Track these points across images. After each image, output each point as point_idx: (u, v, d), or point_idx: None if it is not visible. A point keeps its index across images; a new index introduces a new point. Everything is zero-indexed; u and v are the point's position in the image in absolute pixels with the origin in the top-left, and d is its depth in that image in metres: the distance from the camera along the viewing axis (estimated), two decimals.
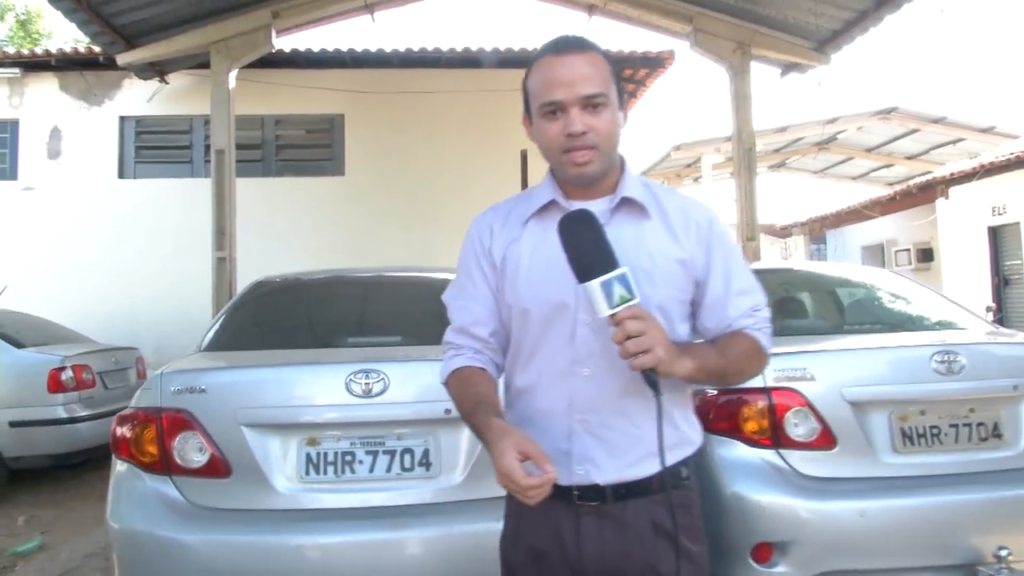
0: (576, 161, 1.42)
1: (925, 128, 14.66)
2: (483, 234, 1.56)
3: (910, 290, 3.84)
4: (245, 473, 2.52)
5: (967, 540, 2.56)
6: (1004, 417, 2.78)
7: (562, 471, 1.42)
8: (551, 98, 1.41)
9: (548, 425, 1.46)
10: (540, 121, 1.45)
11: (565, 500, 1.44)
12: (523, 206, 1.55)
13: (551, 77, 1.42)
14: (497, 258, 1.52)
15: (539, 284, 1.47)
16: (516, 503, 1.47)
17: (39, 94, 9.58)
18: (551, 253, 1.43)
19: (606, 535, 1.44)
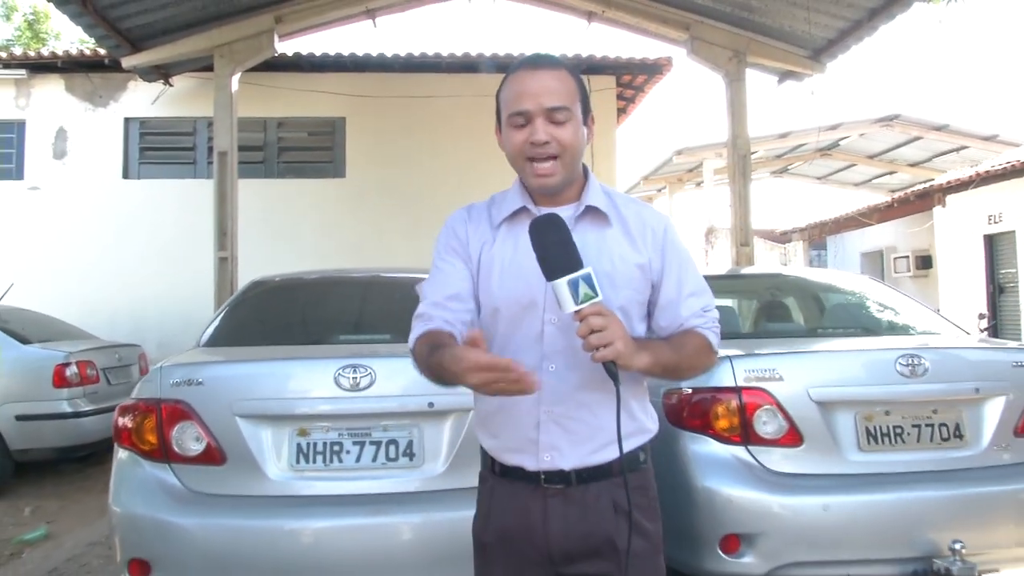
0: (538, 172, 1.53)
1: (927, 136, 14.67)
2: (459, 229, 1.64)
3: (887, 297, 3.97)
4: (239, 461, 2.66)
5: (925, 534, 2.69)
6: (965, 418, 2.90)
7: (530, 458, 1.55)
8: (518, 108, 1.52)
9: (517, 416, 1.55)
10: (508, 130, 1.55)
11: (533, 484, 1.55)
12: (494, 210, 1.64)
13: (520, 89, 1.53)
14: (473, 255, 1.61)
15: (510, 285, 1.56)
16: (488, 487, 1.63)
17: (45, 95, 9.73)
18: (521, 256, 1.53)
19: (571, 515, 1.54)
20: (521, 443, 1.55)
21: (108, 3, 7.15)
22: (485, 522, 1.62)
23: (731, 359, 2.85)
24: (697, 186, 17.69)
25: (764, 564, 2.70)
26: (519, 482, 1.56)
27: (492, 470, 1.63)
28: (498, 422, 1.59)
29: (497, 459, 1.61)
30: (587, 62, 9.64)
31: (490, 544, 1.61)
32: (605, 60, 9.64)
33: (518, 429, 1.55)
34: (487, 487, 1.64)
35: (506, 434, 1.59)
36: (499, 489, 1.60)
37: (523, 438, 1.55)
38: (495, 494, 1.61)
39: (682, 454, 2.88)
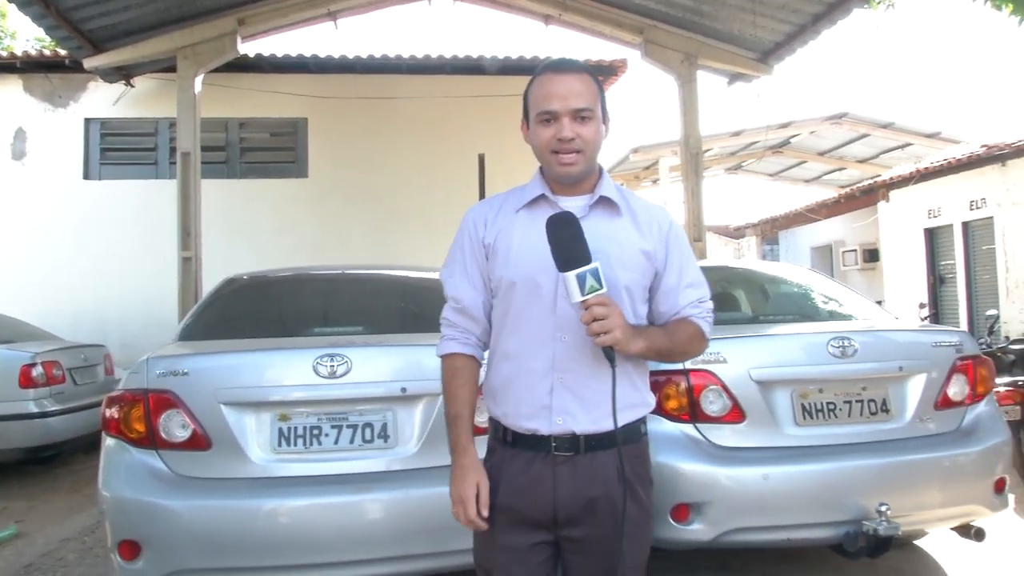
0: (563, 162, 1.70)
1: (874, 133, 15.13)
2: (478, 224, 1.81)
3: (825, 287, 4.28)
4: (224, 446, 2.83)
5: (855, 499, 2.97)
6: (891, 394, 3.20)
7: (543, 423, 1.69)
8: (547, 108, 1.69)
9: (532, 382, 1.70)
10: (536, 126, 1.72)
11: (544, 452, 1.69)
12: (515, 198, 1.81)
13: (549, 91, 1.70)
14: (489, 244, 1.78)
15: (527, 263, 1.71)
16: (498, 458, 1.77)
17: (3, 96, 9.62)
18: (538, 239, 1.67)
19: (579, 481, 1.68)
20: (535, 409, 1.69)
21: (71, 4, 7.17)
22: (495, 489, 1.72)
23: None
24: (653, 183, 18.04)
25: (711, 530, 2.96)
26: (529, 451, 1.70)
27: (503, 440, 1.75)
28: (512, 391, 1.73)
29: (510, 427, 1.73)
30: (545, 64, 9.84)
31: (497, 509, 1.71)
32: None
33: (532, 396, 1.70)
34: (496, 458, 1.77)
35: (522, 400, 1.71)
36: (509, 459, 1.73)
37: (537, 404, 1.69)
38: (505, 464, 1.74)
39: None
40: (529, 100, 1.77)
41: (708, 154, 17.46)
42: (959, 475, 3.14)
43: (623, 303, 1.71)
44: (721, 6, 8.24)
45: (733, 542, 2.99)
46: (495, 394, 1.78)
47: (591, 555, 1.71)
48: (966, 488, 3.15)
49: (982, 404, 3.32)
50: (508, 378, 1.74)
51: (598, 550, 1.71)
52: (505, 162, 9.46)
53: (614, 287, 1.67)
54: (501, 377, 1.76)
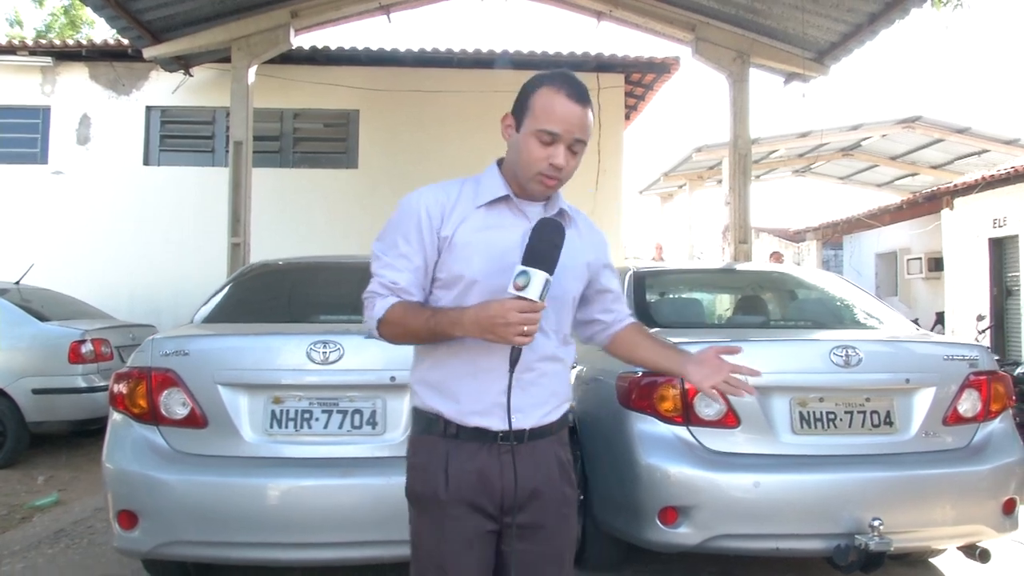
0: (545, 184, 1.71)
1: (949, 138, 14.55)
2: (433, 214, 1.73)
3: (849, 293, 4.15)
4: (219, 425, 2.94)
5: (849, 512, 2.88)
6: (896, 407, 3.09)
7: (496, 420, 1.69)
8: (552, 129, 1.66)
9: (486, 380, 1.69)
10: (531, 139, 1.68)
11: (488, 443, 1.70)
12: (470, 191, 1.77)
13: (558, 113, 1.66)
14: (446, 235, 1.71)
15: (490, 262, 1.69)
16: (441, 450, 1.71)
17: (70, 82, 10.08)
18: (501, 239, 1.71)
19: (523, 469, 1.70)
20: (488, 406, 1.68)
21: None
22: (442, 482, 1.69)
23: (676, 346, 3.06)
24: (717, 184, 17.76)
25: (698, 535, 2.92)
26: (474, 443, 1.70)
27: (445, 433, 1.72)
28: (462, 387, 1.71)
29: (455, 421, 1.71)
30: (597, 60, 9.82)
31: (446, 502, 1.69)
32: (614, 59, 9.82)
33: (486, 394, 1.68)
34: (439, 450, 1.71)
35: (471, 399, 1.70)
36: (455, 451, 1.70)
37: (490, 402, 1.68)
38: (452, 456, 1.70)
39: (629, 432, 3.10)
40: (532, 106, 1.70)
41: (774, 155, 17.16)
42: (965, 493, 3.02)
43: (569, 310, 1.82)
44: (774, 3, 8.04)
45: (720, 548, 2.95)
46: (438, 388, 1.75)
47: (537, 540, 1.74)
48: (972, 507, 3.03)
49: (996, 421, 3.18)
50: (457, 374, 1.72)
51: (543, 535, 1.74)
52: None
53: (565, 295, 1.76)
54: (447, 372, 1.74)
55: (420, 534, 1.77)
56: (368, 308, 1.75)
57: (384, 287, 1.72)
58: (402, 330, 1.70)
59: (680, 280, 4.62)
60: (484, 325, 1.57)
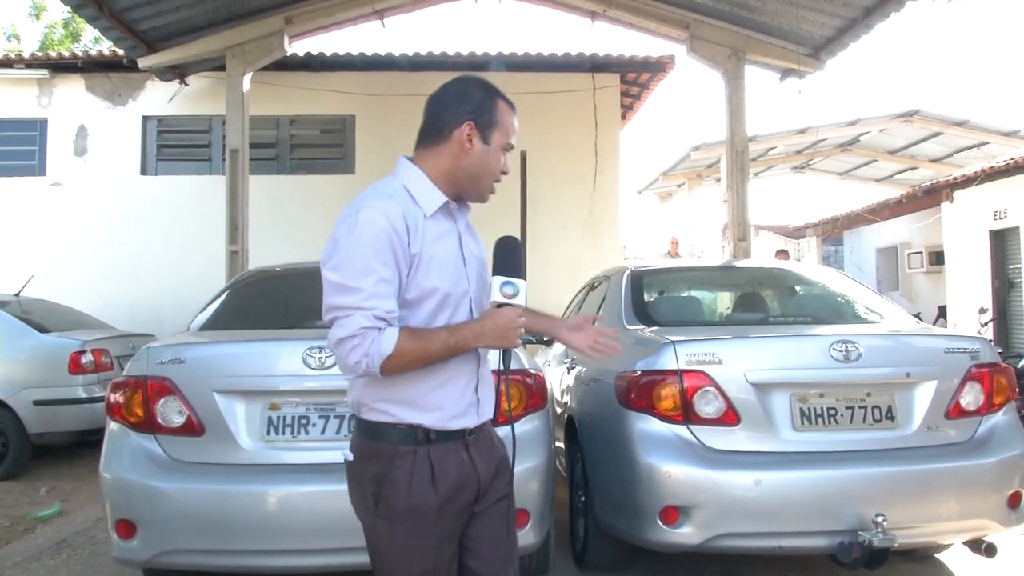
0: (493, 191, 1.86)
1: (948, 131, 14.47)
2: (399, 227, 1.68)
3: (848, 288, 4.12)
4: (216, 432, 2.92)
5: (852, 508, 2.86)
6: (898, 401, 3.07)
7: (472, 418, 1.79)
8: (512, 142, 1.84)
9: (462, 383, 1.78)
10: (497, 151, 1.81)
11: (456, 440, 1.76)
12: (407, 199, 1.75)
13: (515, 125, 1.84)
14: (415, 251, 1.70)
15: (452, 272, 1.76)
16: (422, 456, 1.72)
17: (66, 94, 10.08)
18: (451, 247, 1.78)
19: (484, 453, 1.82)
20: (465, 407, 1.77)
21: (123, 6, 7.47)
22: (431, 487, 1.71)
23: (674, 344, 3.04)
24: (716, 182, 17.71)
25: (700, 534, 2.89)
26: (447, 443, 1.74)
27: (422, 439, 1.72)
28: (442, 395, 1.74)
29: (437, 428, 1.72)
30: (592, 60, 9.81)
31: (437, 507, 1.71)
32: (609, 58, 9.80)
33: (463, 396, 1.78)
34: (420, 455, 1.71)
35: (451, 403, 1.75)
36: (436, 454, 1.72)
37: (466, 402, 1.78)
38: (436, 463, 1.72)
39: (628, 432, 3.08)
40: (498, 121, 1.80)
41: (773, 152, 17.14)
42: (969, 487, 2.99)
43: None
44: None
45: (722, 547, 2.92)
46: (414, 401, 1.73)
47: (498, 515, 1.84)
48: (977, 501, 3.00)
49: (999, 414, 3.16)
50: (434, 385, 1.74)
51: (502, 507, 1.85)
52: (547, 160, 9.46)
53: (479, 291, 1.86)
54: (422, 385, 1.74)
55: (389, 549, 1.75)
56: (359, 347, 1.63)
57: (378, 319, 1.64)
58: (418, 357, 1.67)
59: (677, 278, 4.60)
60: (501, 333, 1.70)
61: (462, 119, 1.78)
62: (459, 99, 1.81)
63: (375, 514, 1.73)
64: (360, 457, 1.77)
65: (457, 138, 1.78)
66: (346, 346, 1.64)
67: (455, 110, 1.79)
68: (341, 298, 1.65)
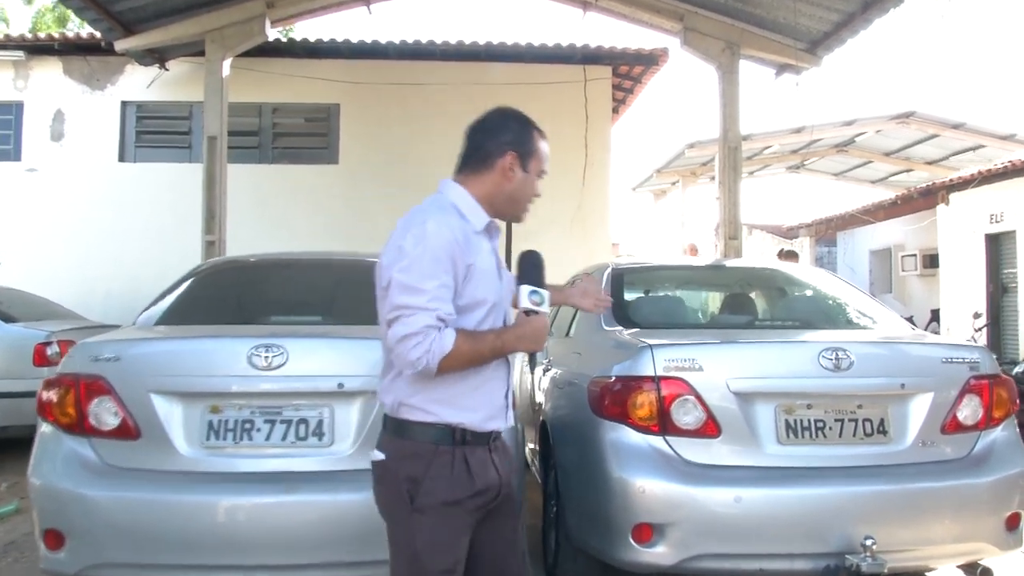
0: (528, 211, 2.03)
1: (944, 133, 14.32)
2: (460, 240, 1.84)
3: (839, 291, 3.91)
4: (152, 436, 2.69)
5: (840, 530, 2.65)
6: (891, 414, 2.85)
7: (501, 421, 1.95)
8: (546, 168, 2.01)
9: (496, 387, 1.94)
10: (534, 178, 1.98)
11: (484, 444, 1.91)
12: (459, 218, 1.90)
13: (547, 155, 2.00)
14: (470, 263, 1.86)
15: (498, 285, 1.95)
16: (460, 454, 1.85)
17: (43, 77, 9.79)
18: (493, 263, 1.95)
19: (503, 459, 1.98)
20: (498, 410, 1.94)
21: None
22: (469, 482, 1.85)
23: (652, 348, 2.82)
24: (711, 180, 17.47)
25: (675, 554, 2.68)
26: (480, 444, 1.89)
27: (458, 440, 1.86)
28: (479, 397, 1.89)
29: (473, 429, 1.87)
30: (583, 52, 9.57)
31: (467, 500, 1.85)
32: (600, 50, 9.56)
33: (497, 399, 1.94)
34: (457, 454, 1.85)
35: (486, 406, 1.90)
36: (472, 456, 1.87)
37: (499, 406, 1.94)
38: (471, 460, 1.87)
39: (600, 442, 2.86)
40: (536, 152, 1.97)
41: (768, 151, 16.97)
42: (965, 508, 2.79)
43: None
44: None
45: (699, 569, 2.71)
46: (454, 401, 1.86)
47: (507, 514, 2.00)
48: (973, 523, 2.80)
49: (999, 429, 2.95)
50: (474, 386, 1.89)
51: (511, 507, 2.03)
52: None
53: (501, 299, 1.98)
54: (463, 386, 1.87)
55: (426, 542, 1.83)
56: (421, 344, 1.76)
57: (440, 319, 1.78)
58: (471, 357, 1.82)
59: (661, 278, 4.37)
60: (536, 338, 1.87)
61: (504, 149, 1.93)
62: (500, 130, 1.96)
63: (411, 509, 1.83)
64: (395, 456, 1.87)
65: (500, 166, 1.93)
66: (409, 343, 1.76)
67: (497, 140, 1.94)
68: (407, 298, 1.78)
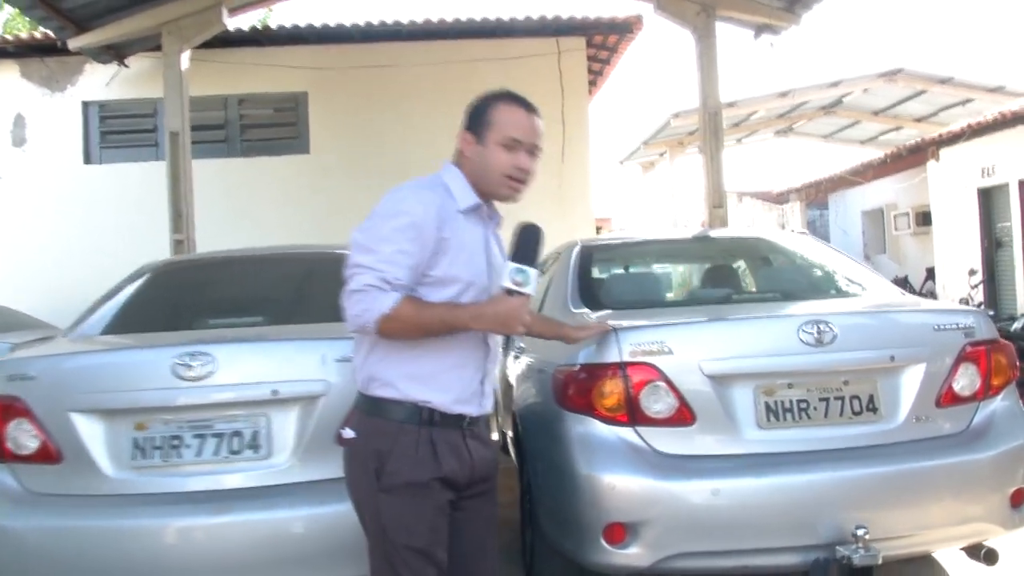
0: (515, 188, 1.92)
1: (932, 89, 14.04)
2: (431, 211, 1.82)
3: (823, 257, 3.67)
4: (75, 459, 2.48)
5: (829, 519, 2.44)
6: (880, 389, 2.62)
7: (474, 406, 1.91)
8: (515, 136, 1.88)
9: (469, 372, 1.90)
10: (496, 148, 1.88)
11: (457, 428, 1.87)
12: (446, 195, 1.89)
13: (519, 121, 1.90)
14: (445, 236, 1.82)
15: (480, 267, 1.90)
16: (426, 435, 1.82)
17: (1, 82, 9.45)
18: (480, 244, 1.92)
19: (479, 448, 1.93)
20: (470, 395, 1.90)
21: None
22: (432, 465, 1.82)
23: (616, 331, 2.59)
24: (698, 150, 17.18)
25: (650, 555, 2.46)
26: (451, 428, 1.86)
27: (426, 420, 1.83)
28: (451, 378, 1.87)
29: (441, 410, 1.84)
30: (555, 23, 9.24)
31: (432, 482, 1.81)
32: (573, 20, 9.22)
33: (470, 383, 1.90)
34: (423, 434, 1.82)
35: (458, 388, 1.87)
36: (438, 435, 1.84)
37: (470, 391, 1.90)
38: (436, 440, 1.83)
39: (565, 437, 2.64)
40: (489, 121, 1.90)
41: (755, 117, 16.68)
42: (965, 486, 2.57)
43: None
44: None
45: (677, 569, 2.49)
46: (423, 379, 1.84)
47: (480, 511, 1.96)
48: (974, 502, 2.58)
49: (999, 399, 2.72)
50: (446, 366, 1.87)
51: (486, 505, 1.99)
52: None
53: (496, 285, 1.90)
54: (435, 365, 1.85)
55: (393, 520, 1.80)
56: (361, 302, 1.75)
57: (386, 282, 1.76)
58: (412, 324, 1.77)
59: (633, 253, 4.12)
60: (502, 319, 1.79)
61: (462, 130, 1.96)
62: (466, 115, 1.96)
63: (377, 488, 1.81)
64: (362, 433, 1.86)
65: (459, 148, 1.95)
66: (351, 299, 1.77)
67: (462, 125, 1.96)
68: (359, 256, 1.79)
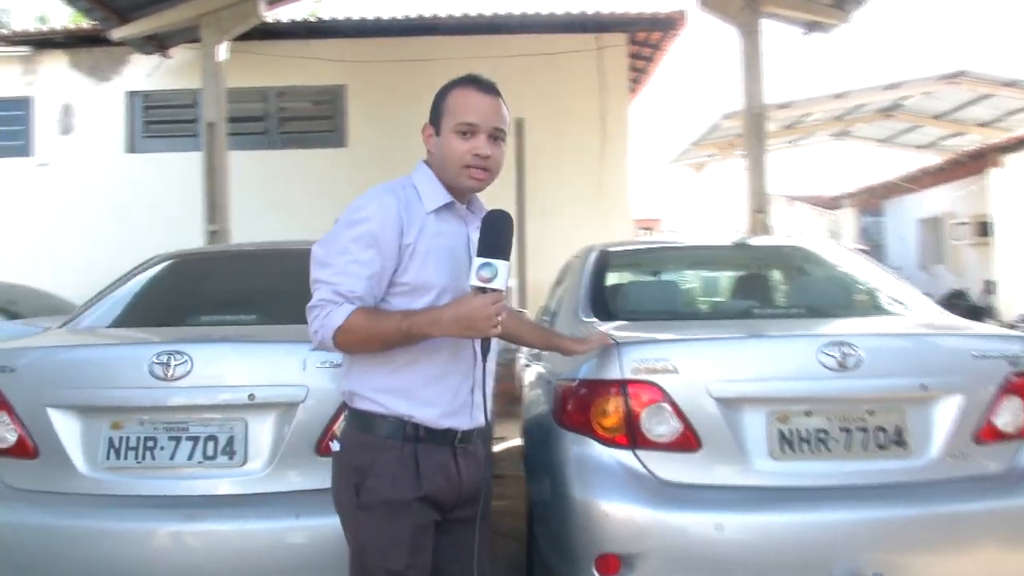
0: (475, 176, 1.77)
1: (998, 92, 13.50)
2: (392, 216, 1.72)
3: (863, 271, 3.41)
4: (51, 455, 2.42)
5: (845, 564, 2.20)
6: (910, 421, 2.37)
7: (465, 419, 1.80)
8: (468, 120, 1.75)
9: (455, 382, 1.79)
10: (451, 136, 1.77)
11: (447, 445, 1.78)
12: (412, 196, 1.79)
13: (471, 105, 1.76)
14: (409, 244, 1.73)
15: (452, 270, 1.77)
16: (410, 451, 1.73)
17: (51, 71, 9.65)
18: (454, 245, 1.80)
19: (470, 467, 1.82)
20: (458, 407, 1.78)
21: None
22: (414, 485, 1.73)
23: (618, 346, 2.40)
24: None
25: None
26: (438, 443, 1.76)
27: (410, 436, 1.74)
28: (436, 391, 1.77)
29: (427, 425, 1.75)
30: (596, 19, 9.05)
31: (413, 502, 1.73)
32: (614, 16, 9.02)
33: (458, 394, 1.79)
34: (406, 451, 1.74)
35: (445, 400, 1.77)
36: (423, 452, 1.75)
37: (459, 402, 1.79)
38: (421, 458, 1.74)
39: (562, 456, 2.46)
40: (444, 108, 1.80)
41: (810, 119, 16.23)
42: (1006, 535, 2.31)
43: None
44: None
45: None
46: (407, 392, 1.76)
47: (466, 533, 1.83)
48: (1015, 555, 2.31)
49: None
50: (427, 379, 1.77)
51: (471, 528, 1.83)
52: (545, 127, 8.71)
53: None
54: (414, 377, 1.76)
55: (371, 539, 1.74)
56: (319, 318, 1.70)
57: (339, 295, 1.70)
58: (366, 335, 1.69)
59: (656, 260, 3.89)
60: (464, 322, 1.64)
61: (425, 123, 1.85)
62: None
63: (356, 505, 1.75)
64: (346, 447, 1.80)
65: (424, 143, 1.85)
66: (310, 315, 1.72)
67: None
68: (317, 271, 1.74)
